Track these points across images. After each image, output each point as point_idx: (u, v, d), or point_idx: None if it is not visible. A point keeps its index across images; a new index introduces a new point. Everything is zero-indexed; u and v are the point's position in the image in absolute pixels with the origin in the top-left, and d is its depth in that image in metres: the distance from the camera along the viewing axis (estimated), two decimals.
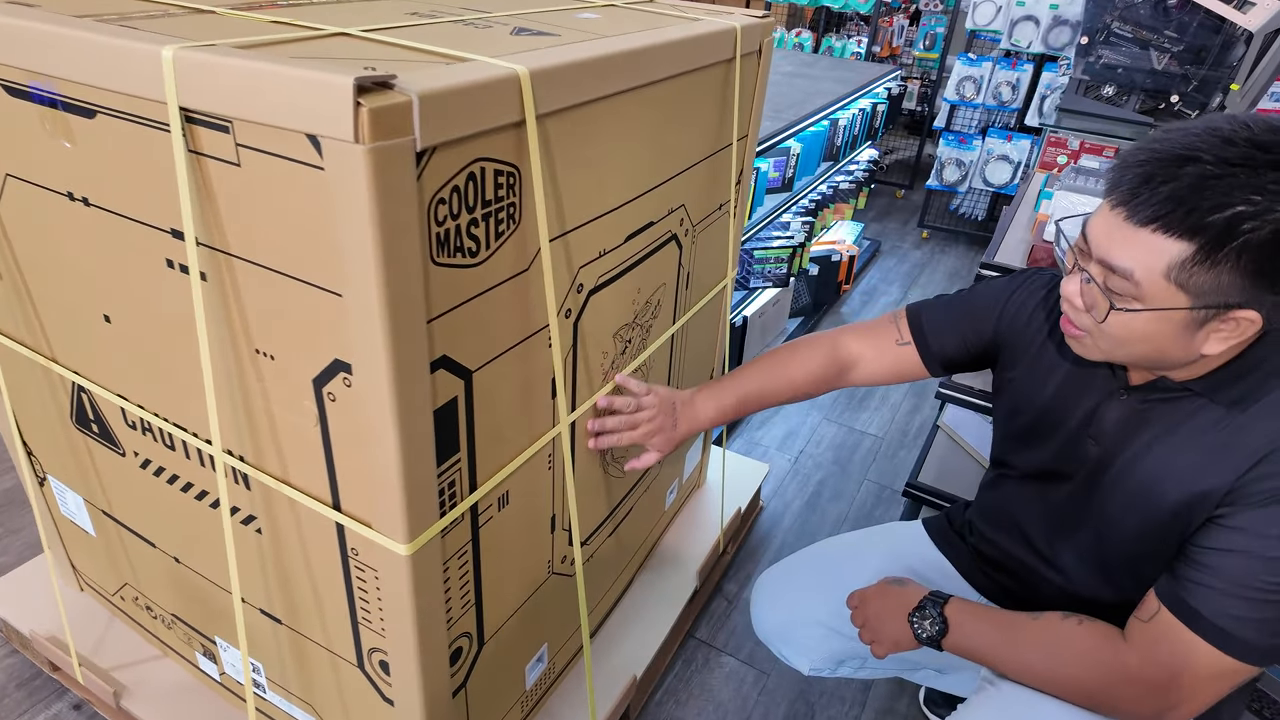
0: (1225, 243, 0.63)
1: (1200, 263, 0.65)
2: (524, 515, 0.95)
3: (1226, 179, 0.63)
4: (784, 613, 1.13)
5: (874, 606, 0.95)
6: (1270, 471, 0.70)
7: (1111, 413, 0.83)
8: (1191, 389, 0.76)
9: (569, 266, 0.86)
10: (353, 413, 0.71)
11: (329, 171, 0.58)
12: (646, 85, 0.88)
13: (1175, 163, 0.65)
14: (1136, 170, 0.67)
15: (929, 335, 1.02)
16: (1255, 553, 0.70)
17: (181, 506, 0.97)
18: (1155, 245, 0.66)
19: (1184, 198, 0.64)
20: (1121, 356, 0.76)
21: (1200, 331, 0.70)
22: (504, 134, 0.68)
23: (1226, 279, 0.65)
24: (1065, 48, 2.98)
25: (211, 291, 0.74)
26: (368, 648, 0.89)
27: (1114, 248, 0.69)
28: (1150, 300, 0.69)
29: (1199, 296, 0.67)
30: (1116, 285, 0.70)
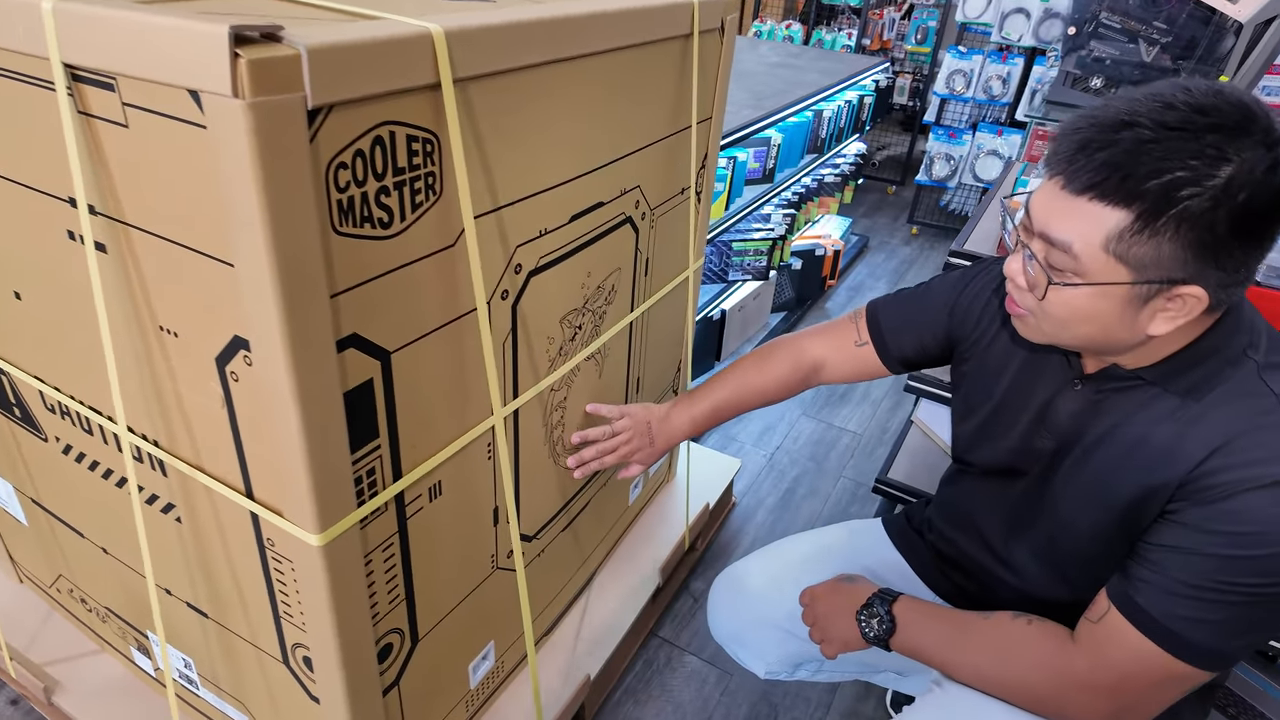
0: (1163, 210, 0.60)
1: (1139, 232, 0.61)
2: (461, 507, 0.91)
3: (1164, 143, 0.59)
4: (738, 615, 1.09)
5: (823, 604, 0.91)
6: (1221, 465, 0.66)
7: (1065, 405, 0.79)
8: (1144, 377, 0.72)
9: (504, 245, 0.82)
10: (256, 393, 0.66)
11: (211, 130, 0.54)
12: (590, 56, 0.84)
13: (1113, 128, 0.61)
14: (1074, 137, 0.64)
15: (886, 336, 1.00)
16: (1206, 551, 0.66)
17: (104, 494, 0.93)
18: (1092, 215, 0.63)
19: (1120, 163, 0.60)
20: (1066, 339, 0.72)
21: (1144, 310, 0.66)
22: (418, 97, 0.64)
23: (1167, 250, 0.61)
24: (1057, 41, 2.93)
25: (112, 264, 0.69)
26: (291, 643, 0.85)
27: (1052, 219, 0.66)
28: (1090, 275, 0.65)
29: (1139, 270, 0.63)
30: (1057, 260, 0.67)
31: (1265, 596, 0.65)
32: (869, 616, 0.85)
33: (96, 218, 0.67)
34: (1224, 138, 0.59)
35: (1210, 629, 0.66)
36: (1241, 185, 0.58)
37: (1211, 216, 0.59)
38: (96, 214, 0.67)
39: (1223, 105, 0.60)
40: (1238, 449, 0.66)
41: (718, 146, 1.26)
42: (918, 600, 0.85)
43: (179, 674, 1.06)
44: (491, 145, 0.74)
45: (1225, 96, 0.60)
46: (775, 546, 1.15)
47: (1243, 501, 0.64)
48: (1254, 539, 0.64)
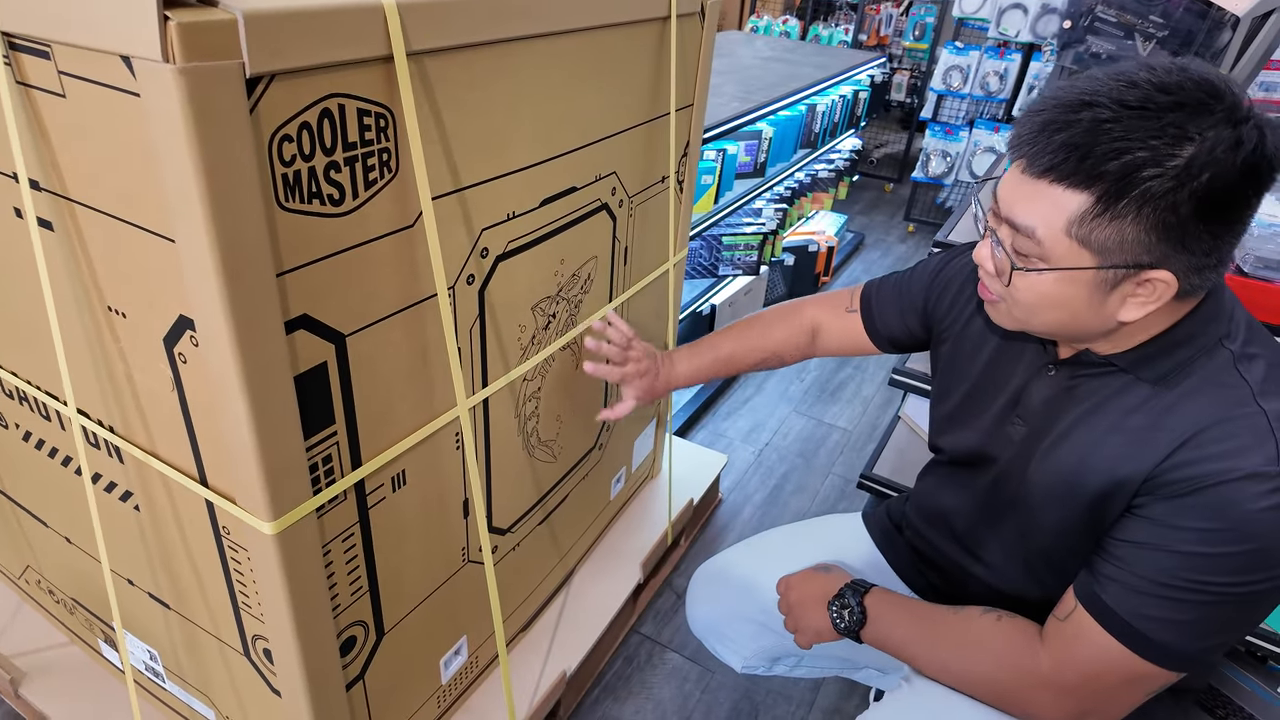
0: (1124, 192, 0.58)
1: (1100, 215, 0.59)
2: (427, 498, 0.89)
3: (1123, 122, 0.57)
4: (716, 607, 1.07)
5: (797, 593, 0.90)
6: (1188, 458, 0.64)
7: (1039, 390, 0.77)
8: (1116, 364, 0.70)
9: (469, 227, 0.80)
10: (204, 376, 0.64)
11: (144, 97, 0.52)
12: (560, 34, 0.82)
13: (1072, 109, 0.59)
14: (1035, 119, 0.62)
15: (875, 313, 1.01)
16: (1172, 547, 0.64)
17: (64, 481, 0.91)
18: (1054, 198, 0.61)
19: (1078, 144, 0.58)
20: (1036, 325, 0.70)
21: (1112, 295, 0.63)
22: (370, 70, 0.62)
23: (1131, 234, 0.59)
24: (1053, 36, 2.91)
25: (59, 242, 0.67)
26: (251, 634, 0.83)
27: (1016, 204, 0.64)
28: (1054, 260, 0.63)
29: (1104, 254, 0.61)
30: (1022, 245, 0.65)
31: (1235, 596, 0.63)
32: (840, 607, 0.83)
33: (40, 193, 0.65)
34: (1186, 116, 0.57)
35: (1178, 629, 0.64)
36: (1204, 165, 0.56)
37: (1174, 198, 0.57)
38: (40, 189, 0.65)
39: (1186, 83, 0.58)
40: (1207, 441, 0.63)
41: (700, 136, 1.24)
42: (890, 593, 0.83)
43: (145, 666, 1.04)
44: (452, 123, 0.72)
45: (1189, 74, 0.58)
46: (754, 540, 1.13)
47: (1212, 496, 0.62)
48: (1223, 535, 0.61)
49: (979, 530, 0.86)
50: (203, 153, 0.51)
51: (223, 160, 0.53)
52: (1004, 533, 0.83)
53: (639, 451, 1.49)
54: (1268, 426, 0.62)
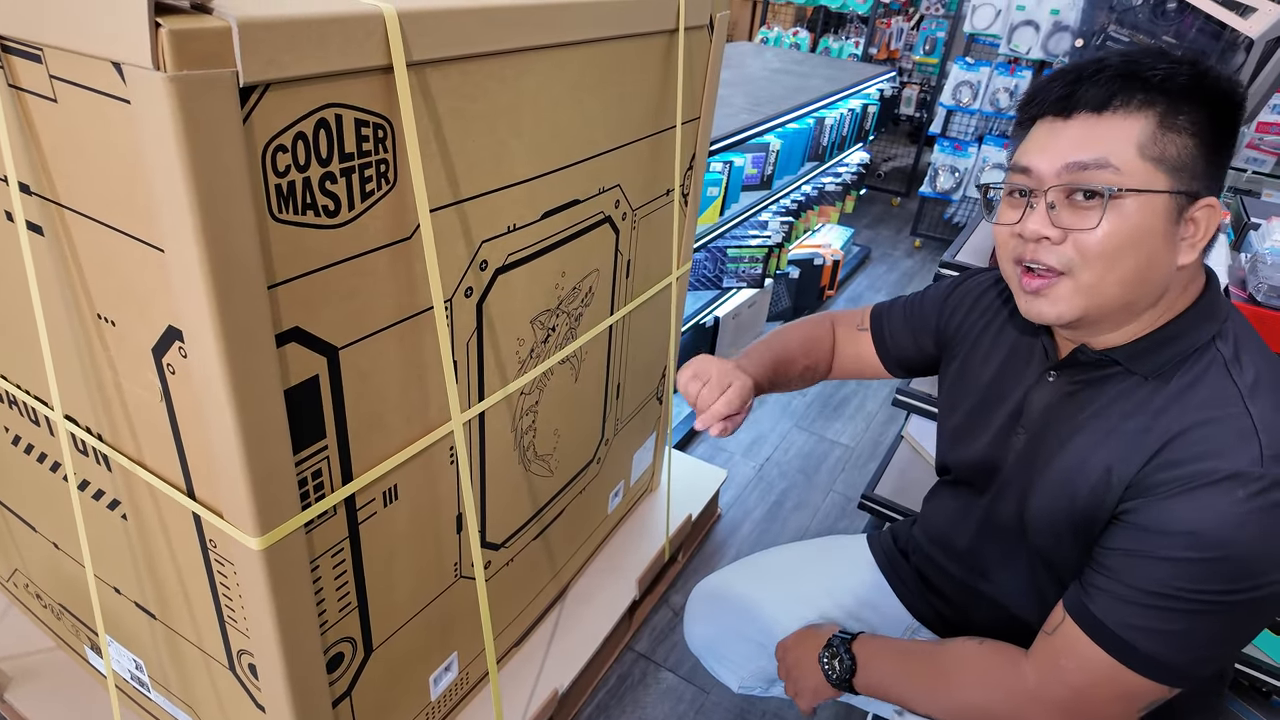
0: (1179, 109, 0.63)
1: (1166, 130, 0.63)
2: (420, 513, 0.87)
3: (1148, 59, 0.63)
4: (715, 626, 1.05)
5: (793, 655, 0.89)
6: (1171, 459, 0.62)
7: (1039, 397, 0.77)
8: (1112, 357, 0.70)
9: (468, 240, 0.78)
10: (192, 387, 0.63)
11: (135, 105, 0.50)
12: (564, 46, 0.81)
13: (1097, 61, 0.65)
14: (1058, 80, 0.66)
15: (887, 336, 0.99)
16: (1159, 554, 0.62)
17: (52, 488, 0.90)
18: (1119, 126, 0.64)
19: (1127, 74, 0.63)
20: (1110, 284, 0.66)
21: (1177, 231, 0.65)
22: (368, 80, 0.61)
23: (1189, 149, 0.63)
24: (1065, 54, 2.90)
25: (49, 247, 0.66)
26: (236, 649, 0.81)
27: (1076, 147, 0.65)
28: (1134, 183, 0.64)
29: (1174, 176, 0.64)
30: (1095, 180, 0.64)
31: (1224, 605, 0.61)
32: (830, 657, 0.82)
33: (31, 198, 0.64)
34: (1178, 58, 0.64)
35: (1166, 640, 0.62)
36: (1201, 72, 0.63)
37: (1209, 115, 0.63)
38: (31, 193, 0.64)
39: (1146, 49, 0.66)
40: (1190, 441, 0.62)
41: (706, 148, 1.23)
42: (876, 636, 0.83)
43: (130, 675, 1.03)
44: (453, 135, 0.71)
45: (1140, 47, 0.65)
46: (755, 558, 1.11)
47: (1193, 499, 0.61)
48: (1207, 541, 0.60)
49: (984, 547, 0.84)
50: (193, 162, 0.50)
51: (214, 170, 0.52)
52: (1009, 548, 0.81)
53: (638, 465, 1.47)
54: (1251, 427, 0.61)
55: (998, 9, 3.00)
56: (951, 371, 0.90)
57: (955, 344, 0.90)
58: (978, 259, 1.29)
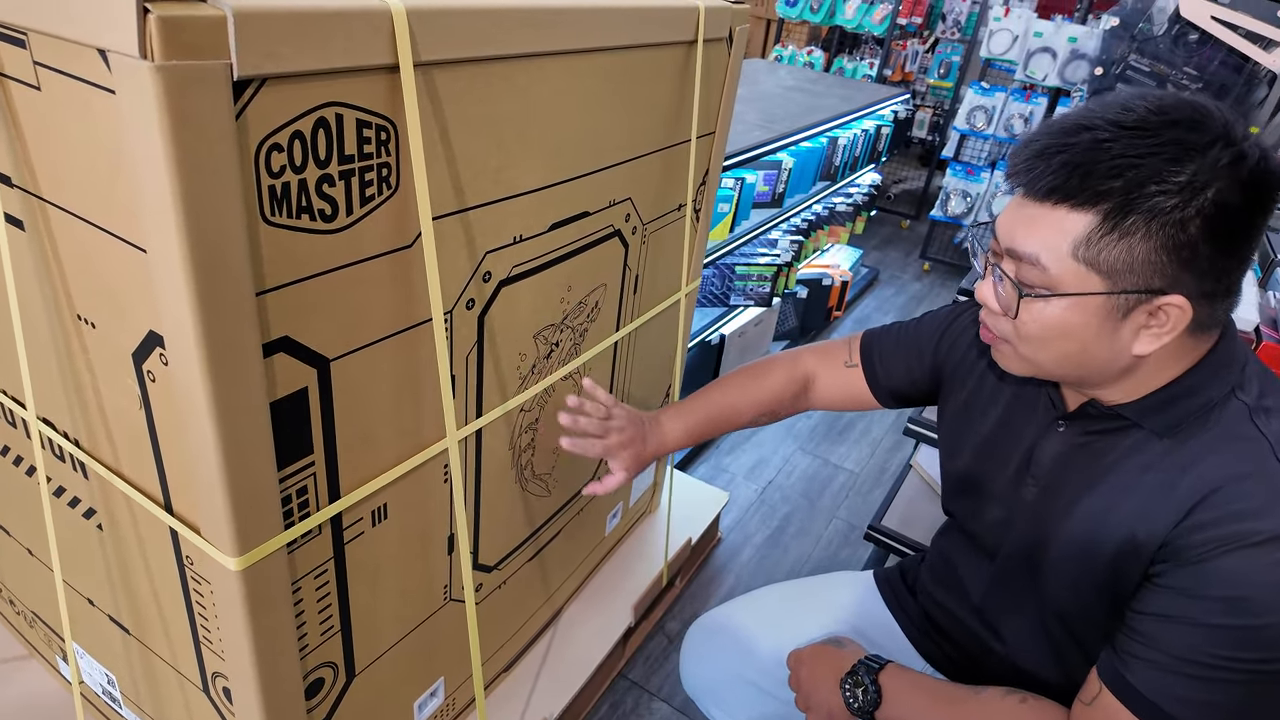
0: (1130, 208, 0.56)
1: (1107, 234, 0.57)
2: (409, 533, 0.83)
3: (1122, 141, 0.57)
4: (714, 667, 1.01)
5: (808, 669, 0.84)
6: (1206, 520, 0.59)
7: (1049, 448, 0.73)
8: (1123, 415, 0.66)
9: (471, 250, 0.75)
10: (172, 396, 0.59)
11: (120, 95, 0.47)
12: (579, 53, 0.78)
13: (1069, 132, 0.59)
14: (1032, 146, 0.61)
15: (877, 365, 0.95)
16: (1195, 620, 0.59)
17: (28, 493, 0.86)
18: (1057, 222, 0.59)
19: (1079, 163, 0.57)
20: (1045, 362, 0.66)
21: (1125, 325, 0.60)
22: (373, 79, 0.58)
23: (1140, 253, 0.57)
24: (1082, 82, 2.88)
25: (29, 243, 0.63)
26: (211, 671, 0.77)
27: (1018, 232, 0.62)
28: (1062, 287, 0.61)
29: (1113, 277, 0.59)
30: (1028, 275, 0.62)
31: (1268, 674, 0.57)
32: (854, 685, 0.77)
33: (12, 190, 0.61)
34: (1183, 132, 0.56)
35: (1210, 711, 0.59)
36: (1207, 180, 0.55)
37: (1181, 214, 0.56)
38: (12, 185, 0.60)
39: (1180, 104, 0.58)
40: (1224, 500, 0.59)
41: (720, 164, 1.20)
42: (906, 670, 0.77)
43: (102, 690, 0.98)
44: (459, 140, 0.67)
45: (1181, 98, 0.58)
46: (757, 595, 1.07)
47: (1231, 562, 0.58)
48: (1247, 606, 0.57)
49: (997, 600, 0.81)
50: (179, 159, 0.47)
51: (201, 168, 0.48)
52: (1023, 604, 0.77)
53: (637, 485, 1.43)
54: None
55: (1015, 35, 2.98)
56: (951, 411, 0.87)
57: (954, 381, 0.86)
58: None
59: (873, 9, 3.69)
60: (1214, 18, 1.94)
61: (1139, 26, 2.08)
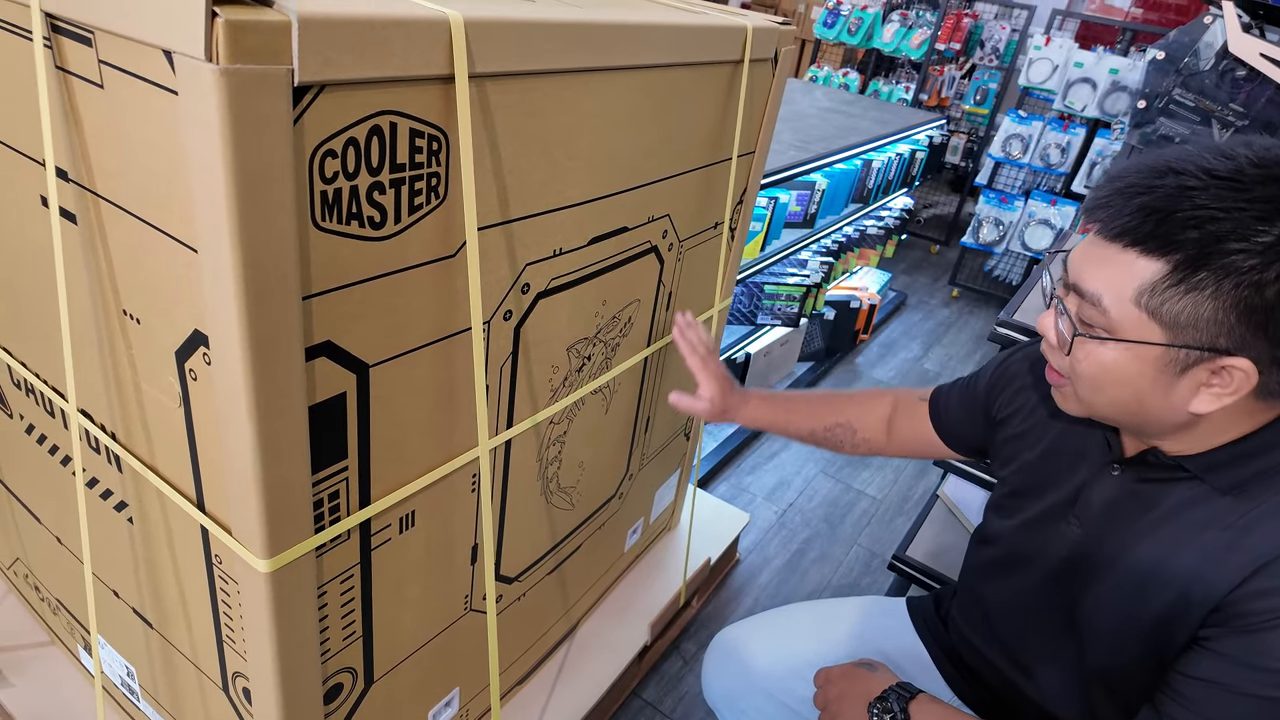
0: (1203, 263, 0.53)
1: (1174, 285, 0.55)
2: (435, 542, 0.83)
3: (1209, 190, 0.54)
4: (735, 679, 0.99)
5: (837, 689, 0.82)
6: (1267, 587, 0.57)
7: (1100, 491, 0.71)
8: (1185, 467, 0.64)
9: (512, 261, 0.75)
10: (213, 395, 0.59)
11: (182, 96, 0.47)
12: (627, 69, 0.78)
13: (1157, 174, 0.56)
14: (1115, 184, 0.59)
15: (943, 410, 0.94)
16: (1248, 690, 0.57)
17: (61, 482, 0.87)
18: (1125, 265, 0.57)
19: (1157, 208, 0.55)
20: (1100, 405, 0.64)
21: (1183, 380, 0.58)
22: (427, 89, 0.58)
23: (1208, 310, 0.54)
24: (1123, 114, 2.85)
25: (81, 237, 0.64)
26: (232, 670, 0.77)
27: (1085, 270, 0.60)
28: (1120, 331, 0.59)
29: (1175, 330, 0.56)
30: (1089, 315, 0.60)
31: None
32: (882, 711, 0.75)
33: (68, 185, 0.61)
34: (1278, 190, 0.53)
35: None
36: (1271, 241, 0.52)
37: (1260, 276, 0.52)
38: (68, 180, 0.61)
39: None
40: None
41: (758, 184, 1.19)
42: (937, 702, 0.75)
43: (121, 681, 0.99)
44: (507, 152, 0.68)
45: None
46: (784, 611, 1.05)
47: None
48: None
49: (1030, 643, 0.78)
50: (237, 161, 0.47)
51: (258, 171, 0.48)
52: (1058, 649, 0.75)
53: (659, 502, 1.42)
54: None
55: (1055, 64, 2.96)
56: (1000, 446, 0.85)
57: (1004, 419, 0.85)
58: (1032, 319, 1.24)
59: (911, 33, 3.68)
60: (1263, 55, 1.91)
61: (1185, 60, 2.06)
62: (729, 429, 2.12)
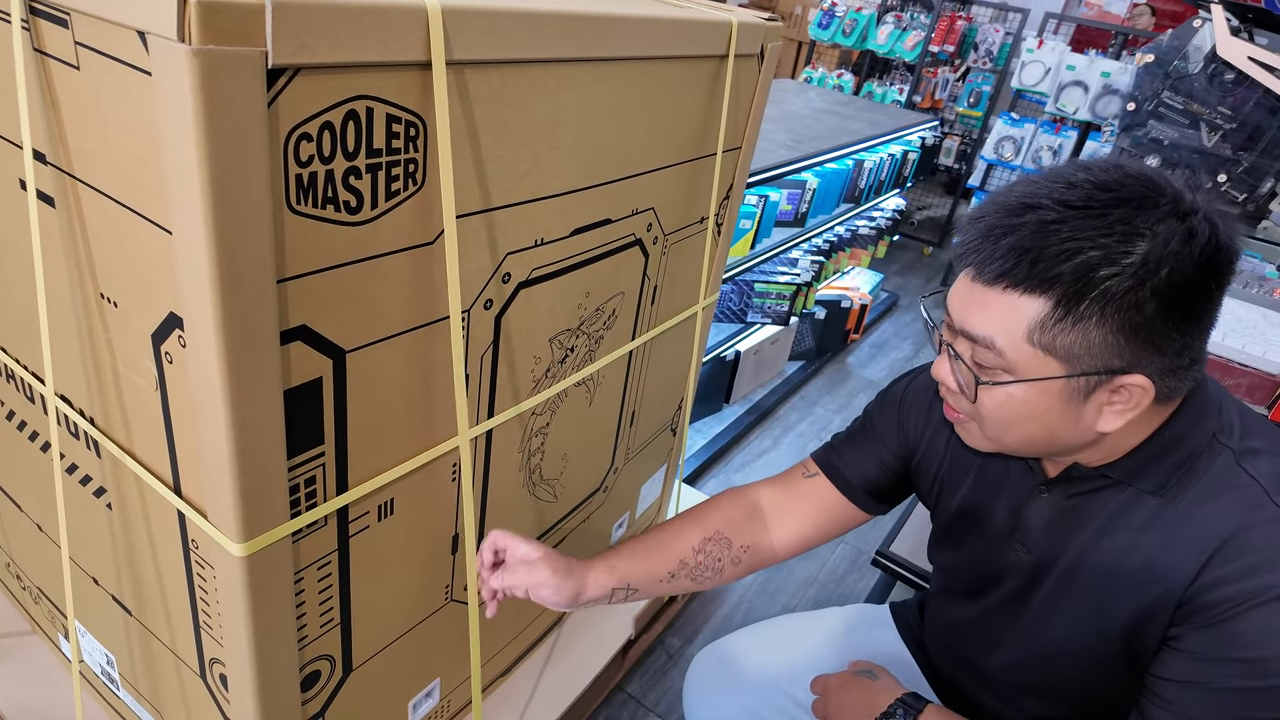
0: (1084, 294, 0.55)
1: (1061, 320, 0.56)
2: (414, 531, 0.83)
3: (1069, 223, 0.55)
4: (722, 702, 0.98)
5: (837, 699, 0.82)
6: (1218, 577, 0.58)
7: (1037, 514, 0.71)
8: (1109, 475, 0.65)
9: (492, 250, 0.75)
10: (188, 378, 0.60)
11: (156, 77, 0.48)
12: (610, 60, 0.78)
13: (1015, 212, 0.57)
14: (978, 225, 0.59)
15: (843, 469, 0.87)
16: (1220, 684, 0.57)
17: (41, 468, 0.87)
18: (1009, 306, 0.57)
19: (1027, 247, 0.55)
20: (1011, 442, 0.64)
21: (1088, 404, 0.59)
22: (405, 75, 0.58)
23: (1097, 337, 0.56)
24: (1114, 117, 2.86)
25: (59, 220, 0.64)
26: (209, 657, 0.77)
27: (970, 314, 0.60)
28: (1020, 370, 0.59)
29: (1071, 361, 0.57)
30: (983, 357, 0.60)
31: None
32: None
33: (45, 167, 0.62)
34: (1131, 211, 0.54)
35: None
36: (1160, 260, 0.54)
37: (1135, 296, 0.54)
38: (46, 163, 0.61)
39: (1125, 179, 0.56)
40: (1232, 555, 0.58)
41: (745, 180, 1.20)
42: (946, 715, 0.75)
43: (101, 670, 0.99)
44: (487, 140, 0.68)
45: (1126, 170, 0.57)
46: (767, 626, 1.04)
47: (1249, 621, 0.57)
48: (1271, 666, 0.56)
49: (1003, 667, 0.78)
50: (210, 143, 0.47)
51: (231, 153, 0.49)
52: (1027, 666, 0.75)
53: (645, 497, 1.42)
54: None
55: (1047, 67, 2.97)
56: (922, 484, 0.84)
57: (921, 448, 0.82)
58: None
59: (905, 35, 3.69)
60: (1251, 58, 1.92)
61: (1174, 64, 2.07)
62: (717, 424, 2.12)
